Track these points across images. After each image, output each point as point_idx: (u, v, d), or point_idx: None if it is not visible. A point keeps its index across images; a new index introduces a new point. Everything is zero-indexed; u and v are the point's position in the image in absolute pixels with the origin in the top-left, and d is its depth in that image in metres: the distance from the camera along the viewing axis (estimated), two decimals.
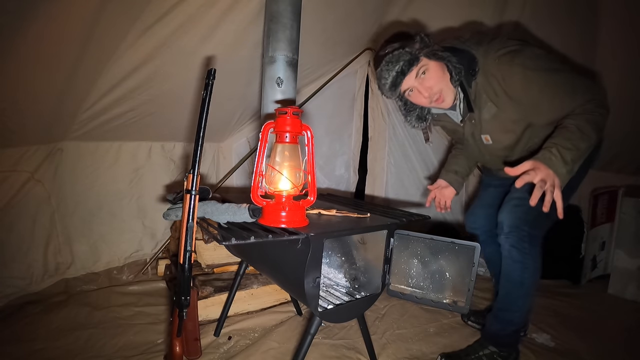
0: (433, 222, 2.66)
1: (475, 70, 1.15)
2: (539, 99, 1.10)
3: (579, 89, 1.07)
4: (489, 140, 1.29)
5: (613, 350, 1.47)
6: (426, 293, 1.09)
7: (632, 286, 1.98)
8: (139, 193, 2.06)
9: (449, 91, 1.20)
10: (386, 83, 1.17)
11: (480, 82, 1.16)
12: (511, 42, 1.13)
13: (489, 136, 1.28)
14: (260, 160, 0.97)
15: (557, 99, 1.08)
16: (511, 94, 1.13)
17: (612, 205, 2.22)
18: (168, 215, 1.07)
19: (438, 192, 1.52)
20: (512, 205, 1.22)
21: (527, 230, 1.18)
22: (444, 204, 1.50)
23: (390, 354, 1.35)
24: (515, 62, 1.09)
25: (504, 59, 1.10)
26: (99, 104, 1.66)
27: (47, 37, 1.26)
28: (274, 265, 1.10)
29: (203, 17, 1.55)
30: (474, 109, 1.22)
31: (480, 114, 1.22)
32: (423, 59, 1.15)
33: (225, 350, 1.32)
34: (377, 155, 2.70)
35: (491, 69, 1.13)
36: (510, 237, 1.19)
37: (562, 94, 1.07)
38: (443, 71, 1.17)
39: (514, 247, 1.19)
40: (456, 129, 1.37)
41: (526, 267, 1.20)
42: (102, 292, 1.71)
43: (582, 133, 1.01)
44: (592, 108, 1.03)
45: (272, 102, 1.67)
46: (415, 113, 1.30)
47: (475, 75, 1.16)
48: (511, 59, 1.09)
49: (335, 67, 2.42)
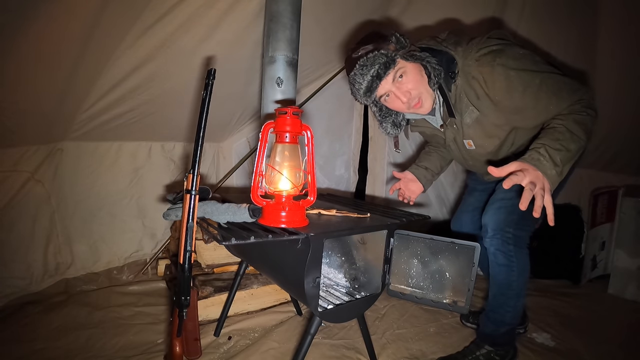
0: (433, 222, 2.66)
1: (454, 72, 1.08)
2: (522, 101, 1.04)
3: (565, 90, 1.01)
4: (472, 145, 1.23)
5: (613, 350, 1.47)
6: (426, 293, 1.09)
7: (632, 286, 1.98)
8: (139, 193, 2.06)
9: (427, 95, 1.12)
10: (360, 88, 1.09)
11: (460, 85, 1.10)
12: (492, 42, 1.05)
13: (471, 141, 1.22)
14: (260, 160, 0.97)
15: (542, 100, 1.02)
16: (493, 96, 1.06)
17: (612, 205, 2.23)
18: (168, 215, 1.07)
19: (404, 184, 1.44)
20: (496, 208, 1.19)
21: (511, 232, 1.16)
22: (408, 197, 1.44)
23: (390, 354, 1.35)
24: (497, 63, 1.02)
25: (484, 59, 1.03)
26: (99, 104, 1.66)
27: (47, 37, 1.26)
28: (274, 265, 1.10)
29: (203, 17, 1.55)
30: (455, 114, 1.16)
31: (462, 119, 1.16)
32: (400, 61, 1.07)
33: (225, 350, 1.32)
34: (377, 155, 2.70)
35: (472, 70, 1.06)
36: (495, 240, 1.17)
37: (547, 96, 1.01)
38: (421, 74, 1.09)
39: (499, 250, 1.18)
40: (436, 134, 1.30)
41: (512, 270, 1.18)
42: (102, 292, 1.71)
43: (571, 134, 0.96)
44: (579, 109, 0.98)
45: (272, 102, 1.67)
46: (391, 119, 1.23)
47: (455, 78, 1.09)
48: (492, 59, 1.02)
49: (335, 67, 2.42)
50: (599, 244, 2.22)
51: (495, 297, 1.25)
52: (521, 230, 1.18)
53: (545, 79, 1.01)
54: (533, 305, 1.80)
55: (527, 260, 1.21)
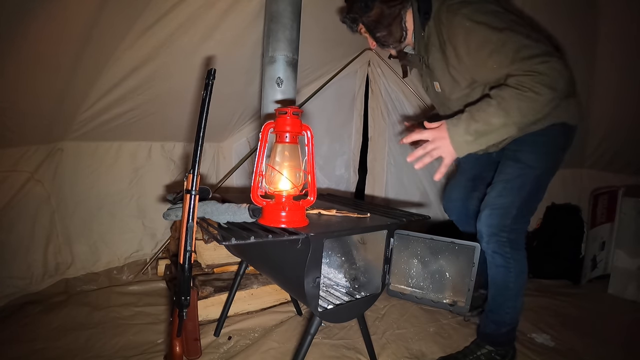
0: (433, 222, 2.66)
1: (428, 13, 1.14)
2: (476, 55, 1.05)
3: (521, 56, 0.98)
4: (439, 88, 1.28)
5: (613, 350, 1.47)
6: (426, 293, 1.09)
7: (632, 286, 1.98)
8: (139, 193, 2.06)
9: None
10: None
11: (431, 27, 1.16)
12: None
13: (438, 84, 1.27)
14: (260, 160, 0.97)
15: (492, 57, 1.02)
16: (454, 45, 1.10)
17: (612, 205, 2.22)
18: (168, 215, 1.07)
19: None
20: (488, 214, 1.21)
21: (505, 236, 1.18)
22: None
23: (390, 354, 1.35)
24: (461, 13, 1.04)
25: (452, 7, 1.07)
26: (99, 104, 1.66)
27: (47, 37, 1.26)
28: (274, 265, 1.10)
29: (203, 17, 1.55)
30: (424, 53, 1.23)
31: (428, 59, 1.22)
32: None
33: (225, 350, 1.32)
34: (377, 155, 2.70)
35: (441, 15, 1.10)
36: (491, 244, 1.20)
37: (500, 58, 1.00)
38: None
39: (496, 252, 1.20)
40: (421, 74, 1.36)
41: (510, 271, 1.20)
42: (102, 292, 1.71)
43: (499, 108, 0.97)
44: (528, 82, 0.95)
45: (272, 102, 1.67)
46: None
47: (429, 19, 1.15)
48: (458, 9, 1.05)
49: (335, 67, 2.42)
50: (599, 244, 2.22)
51: (494, 298, 1.26)
52: (516, 233, 1.20)
53: (503, 40, 1.00)
54: (533, 305, 1.80)
55: (524, 261, 1.22)
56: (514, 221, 1.18)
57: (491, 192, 1.23)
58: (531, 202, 1.22)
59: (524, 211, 1.20)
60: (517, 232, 1.20)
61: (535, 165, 1.18)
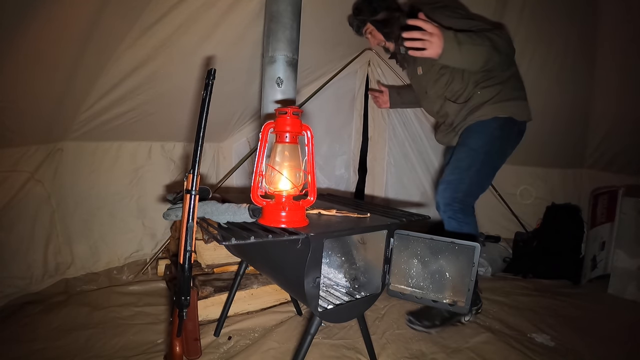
0: (433, 222, 2.66)
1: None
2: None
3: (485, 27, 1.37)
4: (421, 71, 1.63)
5: (613, 350, 1.47)
6: (426, 293, 1.09)
7: (632, 286, 1.98)
8: (139, 193, 2.06)
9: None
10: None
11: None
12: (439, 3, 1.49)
13: (421, 68, 1.62)
14: (260, 160, 0.97)
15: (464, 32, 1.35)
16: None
17: (612, 205, 2.22)
18: (168, 215, 1.07)
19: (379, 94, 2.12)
20: (443, 189, 1.52)
21: (457, 206, 1.48)
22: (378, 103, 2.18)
23: (390, 354, 1.35)
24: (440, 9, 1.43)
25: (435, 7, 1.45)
26: (99, 104, 1.66)
27: (47, 37, 1.26)
28: (274, 265, 1.10)
29: (203, 17, 1.55)
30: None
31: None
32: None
33: (225, 350, 1.32)
34: (377, 155, 2.70)
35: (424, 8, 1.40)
36: (447, 212, 1.51)
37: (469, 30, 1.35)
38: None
39: (452, 218, 1.50)
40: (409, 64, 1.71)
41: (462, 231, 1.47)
42: (102, 292, 1.71)
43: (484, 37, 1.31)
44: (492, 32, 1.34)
45: (272, 102, 1.67)
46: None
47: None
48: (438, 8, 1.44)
49: (335, 67, 2.42)
50: (599, 244, 2.22)
51: None
52: (465, 203, 1.50)
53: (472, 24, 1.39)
54: (533, 305, 1.80)
55: (474, 224, 1.52)
56: (464, 194, 1.49)
57: (446, 171, 1.57)
58: (478, 179, 1.52)
59: (473, 186, 1.51)
60: (467, 202, 1.50)
61: (477, 148, 1.49)
